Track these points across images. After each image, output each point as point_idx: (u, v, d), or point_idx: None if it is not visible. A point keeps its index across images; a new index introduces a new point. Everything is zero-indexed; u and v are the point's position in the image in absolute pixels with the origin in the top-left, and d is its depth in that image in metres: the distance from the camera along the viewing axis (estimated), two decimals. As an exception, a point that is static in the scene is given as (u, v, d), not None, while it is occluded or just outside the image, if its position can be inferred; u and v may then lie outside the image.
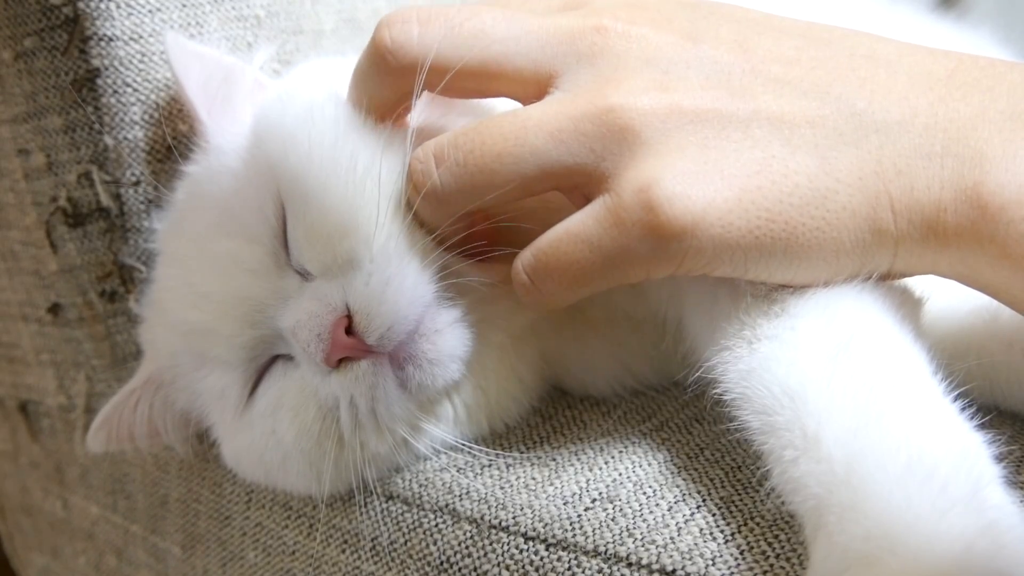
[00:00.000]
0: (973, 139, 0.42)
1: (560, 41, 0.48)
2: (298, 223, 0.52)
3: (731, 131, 0.44)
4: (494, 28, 0.49)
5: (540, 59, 0.48)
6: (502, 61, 0.48)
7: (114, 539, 0.75)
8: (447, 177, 0.47)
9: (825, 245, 0.43)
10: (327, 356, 0.50)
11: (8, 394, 0.80)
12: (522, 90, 0.49)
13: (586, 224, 0.45)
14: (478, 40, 0.48)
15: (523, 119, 0.46)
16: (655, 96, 0.45)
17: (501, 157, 0.46)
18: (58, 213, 0.67)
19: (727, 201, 0.43)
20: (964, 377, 0.42)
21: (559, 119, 0.46)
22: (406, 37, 0.49)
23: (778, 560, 0.42)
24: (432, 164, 0.48)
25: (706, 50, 0.47)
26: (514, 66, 0.48)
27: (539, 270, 0.47)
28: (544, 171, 0.46)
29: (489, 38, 0.48)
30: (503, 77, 0.49)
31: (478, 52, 0.48)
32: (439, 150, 0.48)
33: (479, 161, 0.47)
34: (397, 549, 0.53)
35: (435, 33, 0.49)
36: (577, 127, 0.45)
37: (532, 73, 0.48)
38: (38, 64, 0.65)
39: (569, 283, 0.46)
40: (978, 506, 0.36)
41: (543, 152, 0.46)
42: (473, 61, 0.48)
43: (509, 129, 0.46)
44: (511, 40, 0.48)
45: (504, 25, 0.49)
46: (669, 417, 0.56)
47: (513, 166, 0.46)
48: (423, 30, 0.49)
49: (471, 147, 0.47)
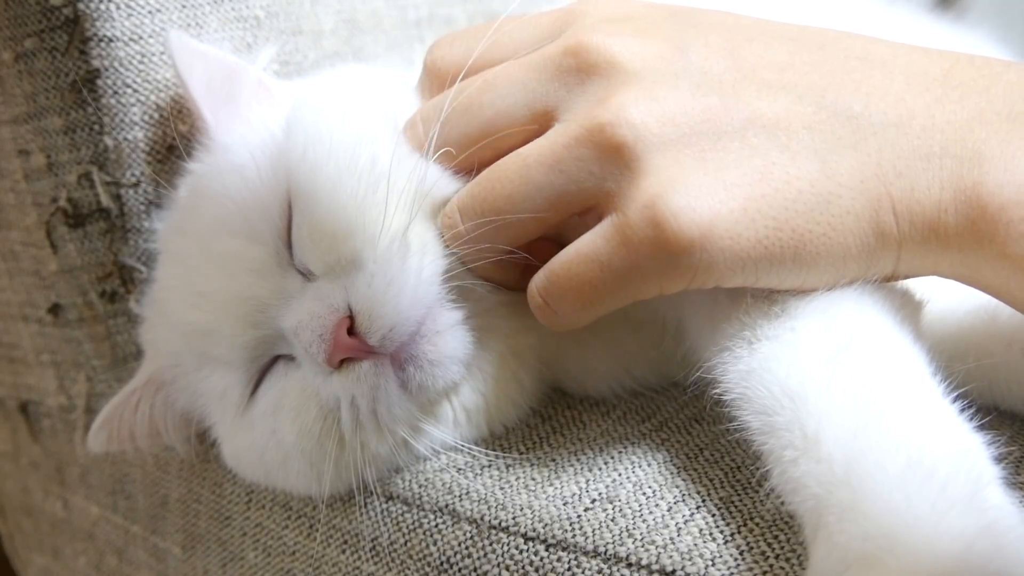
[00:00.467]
0: (971, 140, 0.42)
1: (545, 77, 0.49)
2: (304, 221, 0.52)
3: (727, 140, 0.44)
4: (480, 96, 0.50)
5: (531, 101, 0.49)
6: (498, 121, 0.50)
7: (114, 539, 0.75)
8: (472, 227, 0.50)
9: (833, 250, 0.43)
10: (329, 357, 0.50)
11: (9, 394, 0.80)
12: (530, 134, 0.49)
13: (596, 244, 0.45)
14: (471, 114, 0.51)
15: (524, 157, 0.48)
16: (645, 108, 0.45)
17: (511, 198, 0.48)
18: (58, 214, 0.67)
19: (732, 212, 0.43)
20: (963, 378, 0.42)
21: (555, 149, 0.46)
22: (415, 137, 0.53)
23: (778, 560, 0.42)
24: (458, 217, 0.50)
25: (695, 59, 0.46)
26: (510, 119, 0.50)
27: (552, 292, 0.47)
28: (552, 203, 0.47)
29: (478, 106, 0.50)
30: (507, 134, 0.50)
31: (476, 124, 0.50)
32: (460, 202, 0.51)
33: (493, 206, 0.48)
34: (397, 549, 0.53)
35: (434, 121, 0.52)
36: (572, 153, 0.46)
37: (529, 118, 0.49)
38: (38, 65, 0.65)
39: (583, 303, 0.47)
40: (978, 506, 0.36)
41: (547, 185, 0.47)
42: (473, 133, 0.51)
43: (513, 170, 0.48)
44: (498, 98, 0.50)
45: (486, 87, 0.50)
46: (669, 417, 0.56)
47: (523, 204, 0.47)
48: (425, 127, 0.53)
49: (484, 195, 0.49)
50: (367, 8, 0.82)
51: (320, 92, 0.61)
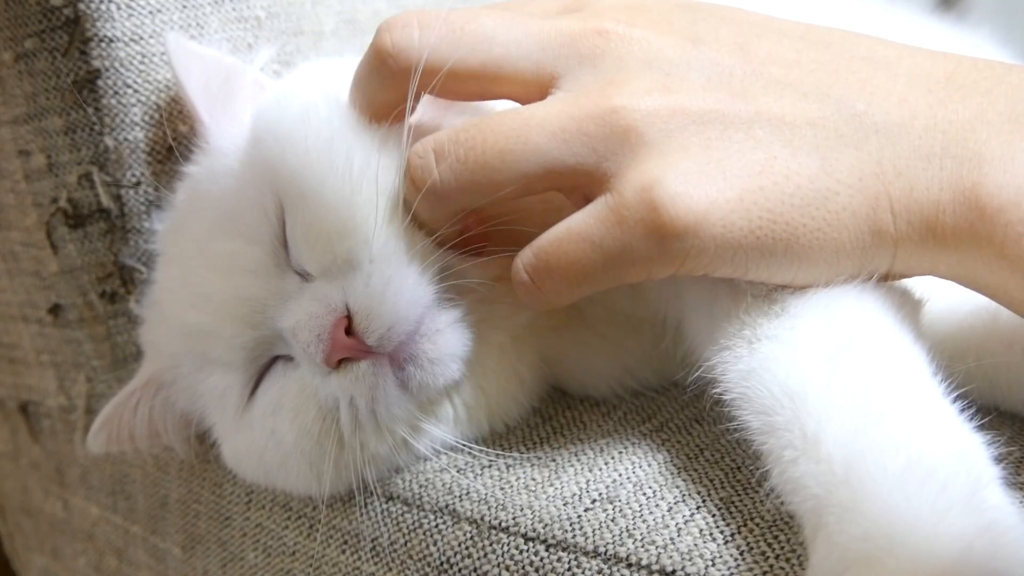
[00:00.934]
0: (972, 141, 0.42)
1: (561, 43, 0.48)
2: (296, 224, 0.52)
3: (733, 132, 0.44)
4: (495, 31, 0.48)
5: (541, 60, 0.48)
6: (503, 63, 0.48)
7: (114, 540, 0.75)
8: (447, 174, 0.47)
9: (826, 246, 0.43)
10: (327, 357, 0.50)
11: (9, 395, 0.80)
12: (523, 91, 0.49)
13: (588, 223, 0.45)
14: (479, 42, 0.48)
15: (526, 117, 0.46)
16: (658, 97, 0.45)
17: (503, 154, 0.46)
18: (59, 214, 0.67)
19: (729, 201, 0.43)
20: (964, 378, 0.42)
21: (562, 118, 0.46)
22: (407, 41, 0.49)
23: (778, 561, 0.42)
24: (432, 160, 0.47)
25: (707, 52, 0.47)
26: (515, 68, 0.48)
27: (540, 269, 0.46)
28: (546, 170, 0.46)
29: (490, 40, 0.48)
30: (504, 79, 0.49)
31: (479, 54, 0.48)
32: (439, 146, 0.47)
33: (481, 158, 0.46)
34: (397, 550, 0.53)
35: (436, 36, 0.48)
36: (580, 127, 0.45)
37: (533, 75, 0.48)
38: (39, 65, 0.65)
39: (570, 282, 0.46)
40: (977, 506, 0.36)
41: (546, 151, 0.46)
42: (474, 63, 0.48)
43: (512, 127, 0.46)
44: (512, 43, 0.48)
45: (505, 27, 0.49)
46: (669, 418, 0.56)
47: (515, 164, 0.46)
48: (423, 33, 0.49)
49: (472, 143, 0.47)
50: (368, 8, 0.82)
51: (282, 95, 0.60)
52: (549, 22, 0.49)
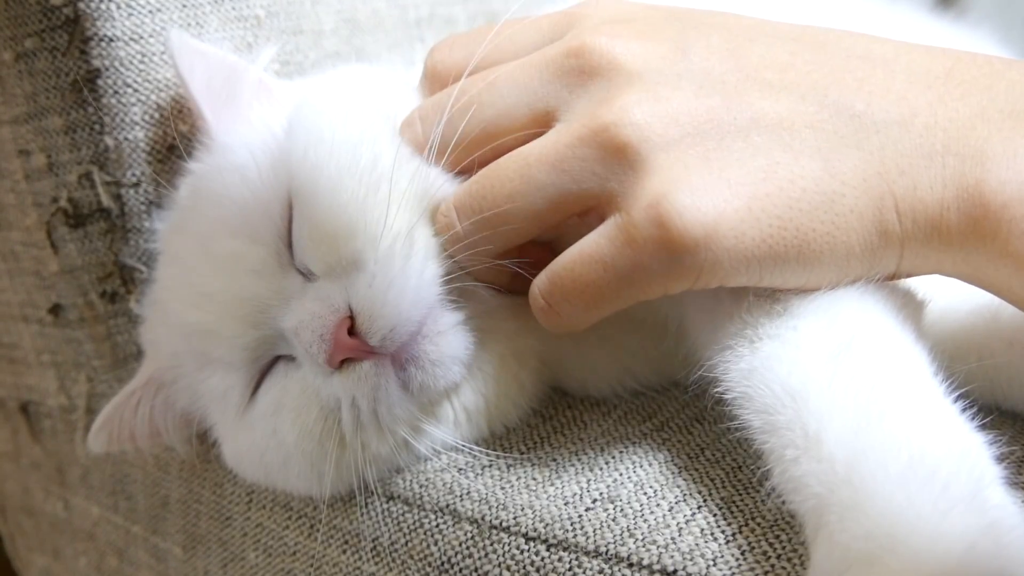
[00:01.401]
0: (973, 138, 0.42)
1: (550, 77, 0.49)
2: (305, 221, 0.52)
3: (731, 140, 0.44)
4: (481, 95, 0.50)
5: (532, 102, 0.49)
6: (499, 120, 0.50)
7: (115, 540, 0.75)
8: (469, 227, 0.49)
9: (836, 249, 0.43)
10: (329, 357, 0.50)
11: (9, 395, 0.80)
12: (530, 135, 0.49)
13: (599, 245, 0.45)
14: (471, 113, 0.50)
15: (525, 156, 0.48)
16: (648, 108, 0.45)
17: (512, 197, 0.47)
18: (59, 214, 0.67)
19: (737, 211, 0.43)
20: (965, 378, 0.42)
21: (557, 149, 0.46)
22: (413, 137, 0.53)
23: (779, 560, 0.42)
24: (454, 216, 0.50)
25: (697, 60, 0.46)
26: (511, 119, 0.50)
27: (555, 293, 0.47)
28: (553, 203, 0.47)
29: (480, 105, 0.50)
30: (505, 132, 0.50)
31: (474, 123, 0.50)
32: (458, 200, 0.50)
33: (492, 204, 0.48)
34: (398, 550, 0.53)
35: (434, 122, 0.52)
36: (575, 153, 0.46)
37: (530, 119, 0.49)
38: (39, 65, 0.65)
39: (586, 304, 0.46)
40: (979, 506, 0.36)
41: (549, 184, 0.47)
42: (472, 132, 0.50)
43: (514, 169, 0.48)
44: (499, 98, 0.50)
45: (488, 87, 0.50)
46: (670, 417, 0.56)
47: (524, 203, 0.47)
48: (424, 125, 0.53)
49: (483, 193, 0.49)
50: (368, 8, 0.82)
51: (321, 92, 0.61)
52: (533, 58, 0.50)
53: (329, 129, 0.54)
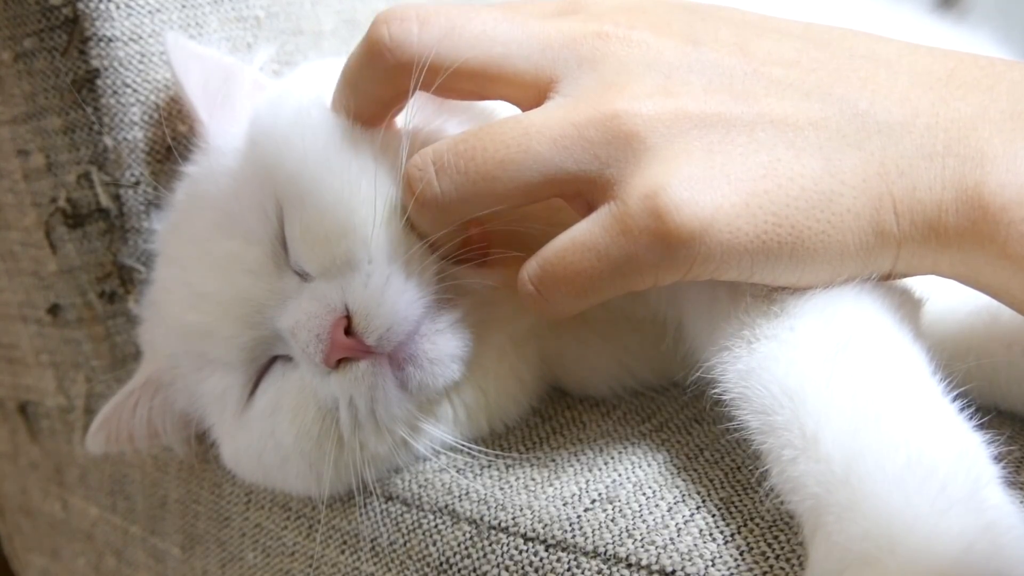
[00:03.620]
0: (974, 139, 0.42)
1: (562, 45, 0.47)
2: (295, 225, 0.52)
3: (736, 135, 0.44)
4: (495, 29, 0.48)
5: (541, 62, 0.47)
6: (502, 63, 0.48)
7: (113, 540, 0.75)
8: (448, 185, 0.47)
9: (830, 248, 0.43)
10: (326, 357, 0.50)
11: (8, 395, 0.80)
12: (521, 93, 0.48)
13: (592, 232, 0.45)
14: (479, 41, 0.48)
15: (526, 125, 0.46)
16: (659, 101, 0.45)
17: (504, 164, 0.45)
18: (57, 214, 0.67)
19: (735, 206, 0.43)
20: (964, 377, 0.42)
21: (562, 125, 0.45)
22: (405, 35, 0.48)
23: (778, 561, 0.42)
24: (431, 172, 0.47)
25: (707, 54, 0.46)
26: (515, 69, 0.48)
27: (545, 280, 0.46)
28: (547, 178, 0.45)
29: (490, 39, 0.48)
30: (503, 79, 0.48)
31: (479, 52, 0.47)
32: (438, 157, 0.47)
33: (481, 168, 0.46)
34: (396, 550, 0.53)
35: (435, 32, 0.48)
36: (581, 133, 0.45)
37: (533, 77, 0.47)
38: (38, 65, 0.65)
39: (576, 292, 0.46)
40: (977, 506, 0.36)
41: (547, 159, 0.45)
42: (473, 61, 0.47)
43: (511, 135, 0.46)
44: (512, 42, 0.48)
45: (505, 27, 0.48)
46: (669, 418, 0.56)
47: (516, 173, 0.45)
48: (423, 28, 0.48)
49: (472, 154, 0.46)
50: (368, 8, 0.82)
51: (280, 95, 0.59)
52: (549, 23, 0.48)
53: (296, 133, 0.52)
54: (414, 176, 0.48)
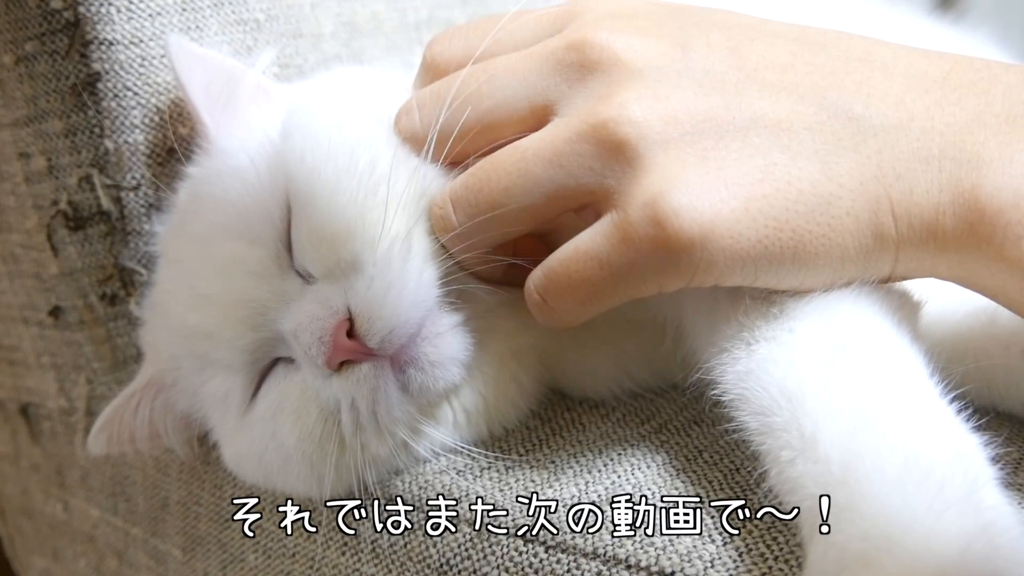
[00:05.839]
0: (970, 142, 0.42)
1: (549, 71, 0.48)
2: (303, 224, 0.52)
3: (730, 140, 0.44)
4: (480, 86, 0.50)
5: (532, 95, 0.49)
6: (496, 112, 0.50)
7: (115, 542, 0.75)
8: (465, 220, 0.49)
9: (831, 251, 0.43)
10: (328, 359, 0.50)
11: (9, 397, 0.80)
12: (527, 127, 0.49)
13: (595, 241, 0.45)
14: (469, 105, 0.50)
15: (522, 150, 0.47)
16: (648, 106, 0.45)
17: (508, 191, 0.47)
18: (59, 216, 0.67)
19: (734, 211, 0.43)
20: (961, 379, 0.42)
21: (555, 144, 0.46)
22: (411, 125, 0.53)
23: (776, 562, 0.42)
24: (450, 210, 0.50)
25: (698, 58, 0.46)
26: (508, 111, 0.49)
27: (550, 289, 0.47)
28: (550, 197, 0.47)
29: (477, 97, 0.50)
30: (503, 125, 0.50)
31: (471, 114, 0.50)
32: (454, 194, 0.50)
33: (488, 198, 0.48)
34: (397, 552, 0.53)
35: (433, 113, 0.51)
36: (573, 148, 0.46)
37: (528, 111, 0.49)
38: (39, 68, 0.65)
39: (581, 301, 0.46)
40: (975, 507, 0.36)
41: (545, 179, 0.46)
42: (470, 123, 0.50)
43: (511, 162, 0.47)
44: (498, 90, 0.50)
45: (487, 77, 0.50)
46: (668, 419, 0.56)
47: (520, 198, 0.47)
48: (423, 114, 0.52)
49: (480, 186, 0.48)
50: (367, 11, 0.82)
51: (316, 95, 0.61)
52: (532, 51, 0.50)
53: (325, 131, 0.54)
54: (436, 214, 0.51)
